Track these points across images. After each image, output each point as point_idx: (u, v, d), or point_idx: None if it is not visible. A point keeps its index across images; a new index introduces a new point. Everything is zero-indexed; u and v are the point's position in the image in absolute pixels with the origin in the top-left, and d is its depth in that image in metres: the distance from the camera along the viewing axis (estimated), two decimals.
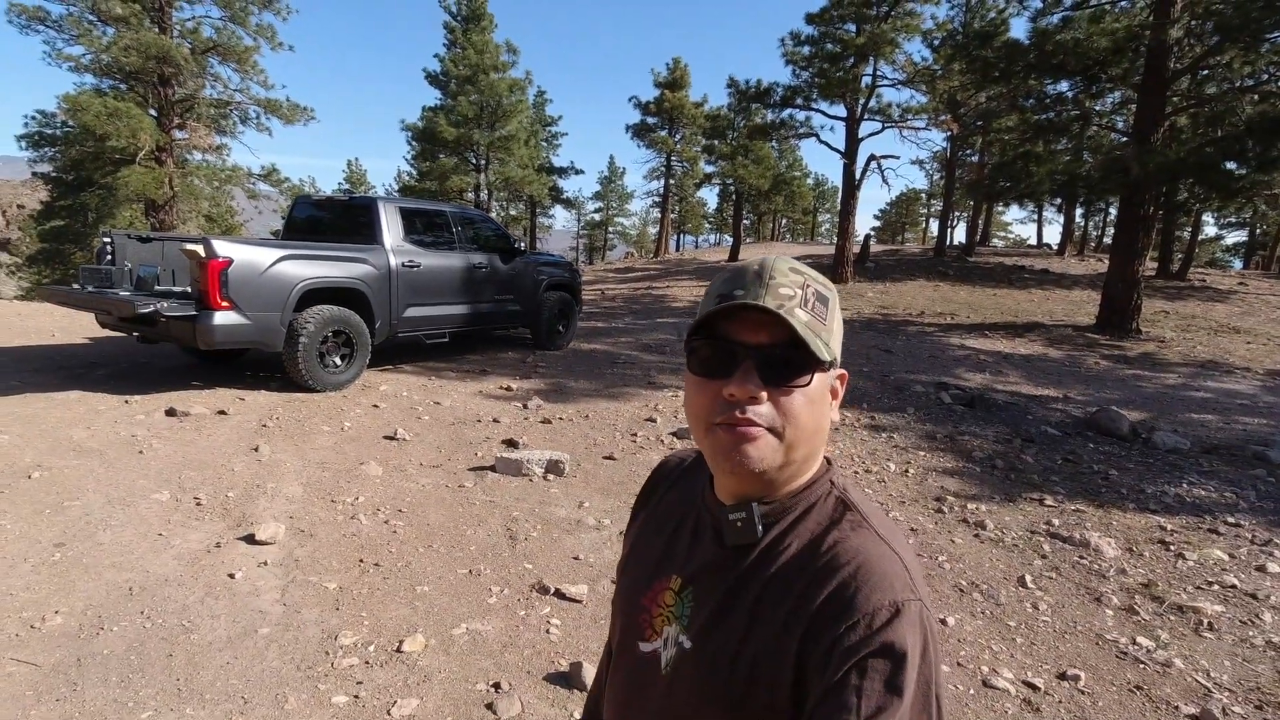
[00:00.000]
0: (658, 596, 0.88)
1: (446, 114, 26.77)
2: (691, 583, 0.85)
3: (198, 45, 21.15)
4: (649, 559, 0.93)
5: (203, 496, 3.98)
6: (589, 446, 5.55)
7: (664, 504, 0.99)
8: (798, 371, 0.75)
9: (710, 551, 0.85)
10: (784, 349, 0.75)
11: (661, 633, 0.86)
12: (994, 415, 7.00)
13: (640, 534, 1.00)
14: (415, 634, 2.79)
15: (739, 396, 0.74)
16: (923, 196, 55.91)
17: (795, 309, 0.75)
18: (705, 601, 0.82)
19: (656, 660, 0.86)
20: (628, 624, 0.92)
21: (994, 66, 12.16)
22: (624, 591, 0.97)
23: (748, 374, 0.74)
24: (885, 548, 0.76)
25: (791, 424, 0.75)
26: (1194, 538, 4.33)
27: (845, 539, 0.77)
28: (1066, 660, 3.02)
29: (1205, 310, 14.83)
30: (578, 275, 9.91)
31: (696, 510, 0.90)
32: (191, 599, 2.94)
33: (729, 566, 0.82)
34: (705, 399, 0.77)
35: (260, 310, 5.89)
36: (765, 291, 0.75)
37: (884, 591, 0.70)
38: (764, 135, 19.57)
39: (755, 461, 0.75)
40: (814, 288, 0.78)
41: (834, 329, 0.80)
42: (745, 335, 0.76)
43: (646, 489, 1.06)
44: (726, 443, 0.75)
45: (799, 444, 0.77)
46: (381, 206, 7.11)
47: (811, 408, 0.77)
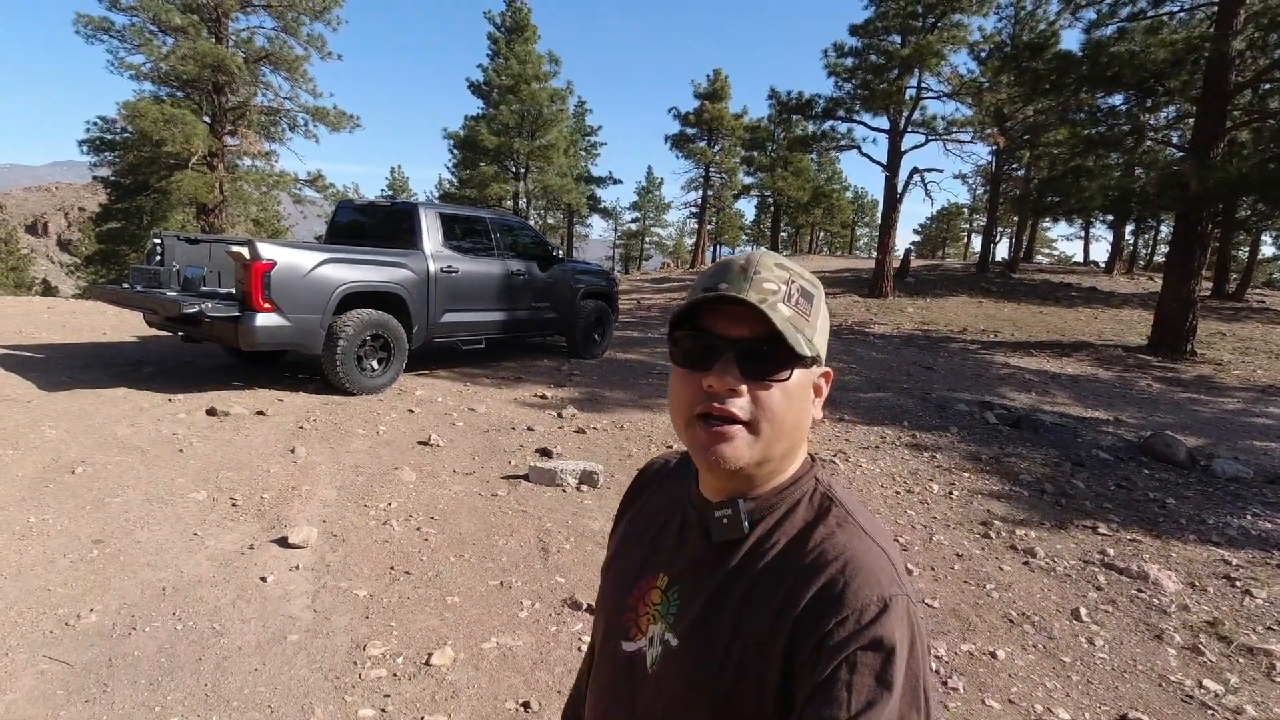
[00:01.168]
0: (644, 595, 0.88)
1: (488, 123, 27.15)
2: (678, 581, 0.85)
3: (251, 54, 21.79)
4: (635, 558, 0.93)
5: (239, 497, 4.00)
6: (623, 458, 5.47)
7: (650, 504, 0.98)
8: (777, 366, 0.75)
9: (697, 549, 0.85)
10: (763, 343, 0.75)
11: (646, 631, 0.86)
12: (1041, 437, 6.74)
13: (626, 534, 0.99)
14: (445, 646, 2.74)
15: (717, 389, 0.74)
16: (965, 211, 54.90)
17: (778, 304, 0.75)
18: (692, 599, 0.82)
19: (641, 659, 0.85)
20: (611, 623, 0.91)
21: (1044, 79, 11.84)
22: (609, 591, 0.96)
23: (727, 366, 0.75)
24: (871, 543, 0.76)
25: (768, 419, 0.76)
26: (1262, 573, 4.08)
27: (831, 535, 0.77)
28: (1127, 702, 2.84)
29: (1265, 333, 14.21)
30: (614, 284, 9.87)
31: (683, 509, 0.90)
32: (223, 601, 2.93)
33: (716, 564, 0.82)
34: (686, 390, 0.78)
35: (301, 313, 5.95)
36: (749, 285, 0.75)
37: (871, 587, 0.71)
38: (805, 147, 19.41)
39: (731, 460, 0.75)
40: (799, 283, 0.78)
41: (818, 326, 0.80)
42: (726, 328, 0.76)
43: (633, 490, 1.05)
44: (704, 439, 0.76)
45: (777, 439, 0.77)
46: (422, 212, 7.15)
47: (790, 403, 0.77)
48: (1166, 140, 12.57)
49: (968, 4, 15.40)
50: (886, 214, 18.44)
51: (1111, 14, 12.27)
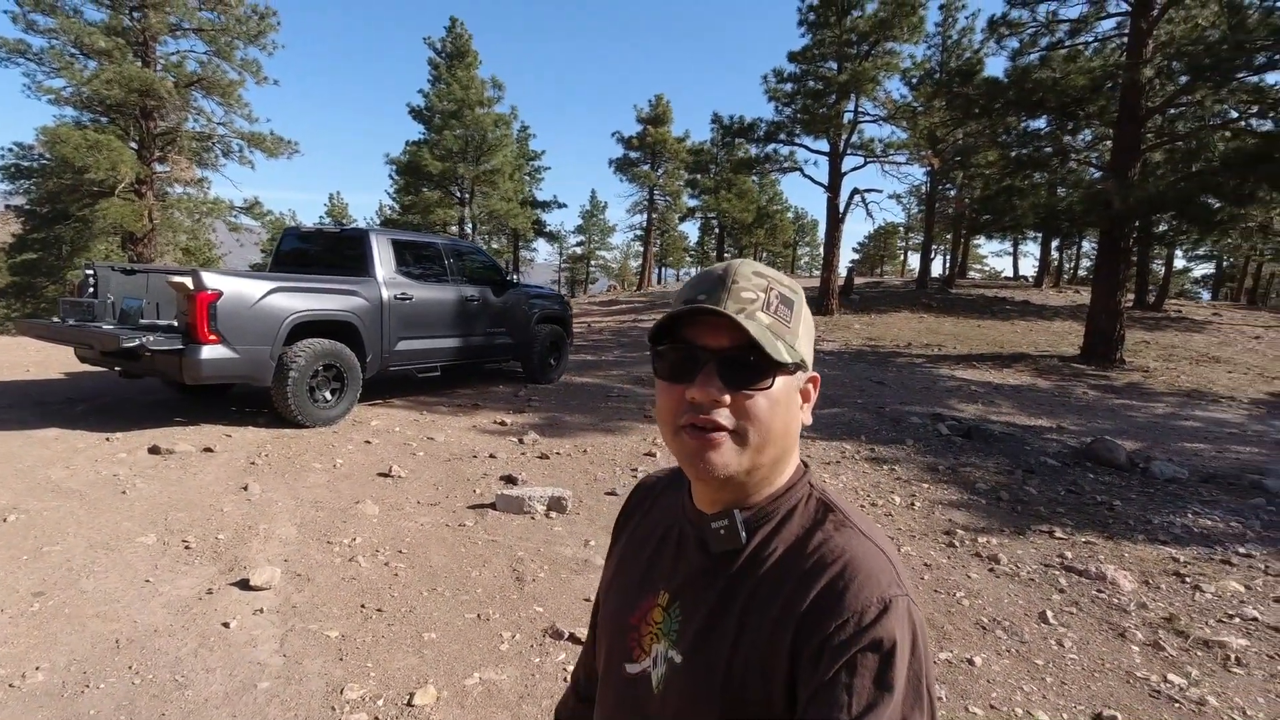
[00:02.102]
0: (646, 615, 0.87)
1: (431, 148, 26.89)
2: (679, 596, 0.84)
3: (181, 79, 21.09)
4: (633, 578, 0.92)
5: (191, 539, 3.79)
6: (590, 482, 5.42)
7: (645, 522, 0.97)
8: (758, 374, 0.76)
9: (695, 562, 0.84)
10: (743, 352, 0.75)
11: (650, 651, 0.85)
12: (992, 446, 6.97)
13: (624, 554, 0.98)
14: (426, 685, 2.64)
15: (700, 400, 0.75)
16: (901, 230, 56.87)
17: (757, 312, 0.76)
18: (693, 613, 0.81)
19: (647, 680, 0.84)
20: (614, 646, 0.90)
21: (975, 103, 12.44)
22: (610, 613, 0.95)
23: (709, 377, 0.75)
24: (870, 544, 0.76)
25: (754, 427, 0.75)
26: (1208, 569, 4.28)
27: (830, 539, 0.77)
28: (1100, 700, 2.93)
29: (1184, 340, 15.09)
30: (569, 308, 9.85)
31: (679, 523, 0.90)
32: (184, 651, 2.76)
33: (715, 575, 0.81)
34: (671, 402, 0.78)
35: (250, 344, 5.73)
36: (727, 295, 0.76)
37: (871, 588, 0.71)
38: (748, 169, 19.83)
39: (719, 467, 0.76)
40: (777, 290, 0.79)
41: (799, 331, 0.80)
42: (706, 339, 0.76)
43: (626, 509, 1.05)
44: (691, 448, 0.76)
45: (765, 447, 0.77)
46: (374, 238, 7.01)
47: (775, 410, 0.77)
48: (1088, 161, 13.33)
49: (899, 32, 16.09)
50: (830, 233, 18.95)
51: (1033, 43, 13.01)
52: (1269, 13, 10.13)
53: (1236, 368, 12.54)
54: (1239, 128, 11.32)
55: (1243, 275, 33.00)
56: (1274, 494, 5.93)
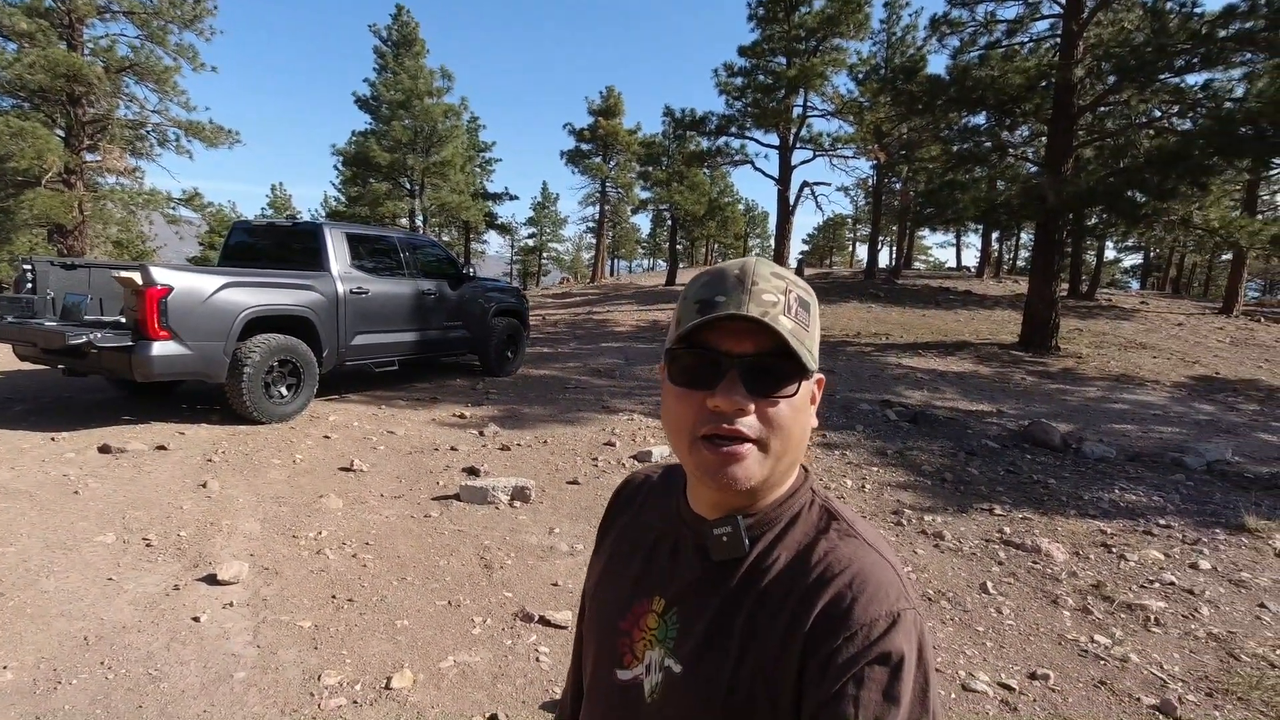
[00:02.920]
0: (639, 620, 0.84)
1: (379, 139, 26.36)
2: (676, 603, 0.81)
3: (111, 64, 20.20)
4: (624, 581, 0.89)
5: (152, 537, 3.76)
6: (551, 472, 5.51)
7: (635, 523, 0.94)
8: (784, 381, 0.73)
9: (694, 569, 0.82)
10: (770, 359, 0.72)
11: (643, 658, 0.82)
12: (937, 430, 7.30)
13: (612, 556, 0.94)
14: (402, 669, 2.71)
15: (725, 409, 0.71)
16: (849, 221, 58.05)
17: (779, 316, 0.72)
18: (693, 622, 0.79)
19: (639, 688, 0.81)
20: (603, 651, 0.87)
21: (918, 100, 12.86)
22: (598, 617, 0.92)
23: (733, 384, 0.72)
24: (876, 555, 0.75)
25: (778, 435, 0.73)
26: (1132, 539, 4.61)
27: (835, 548, 0.76)
28: (1034, 661, 3.17)
29: (1114, 328, 15.90)
30: (525, 301, 9.87)
31: (674, 527, 0.87)
32: (155, 645, 2.77)
33: (716, 583, 0.79)
34: (688, 411, 0.74)
35: (202, 340, 5.64)
36: (749, 298, 0.72)
37: (880, 601, 0.70)
38: (700, 162, 20.05)
39: (744, 480, 0.73)
40: (795, 293, 0.76)
41: (815, 334, 0.78)
42: (729, 344, 0.73)
43: (612, 509, 1.01)
44: (713, 462, 0.73)
45: (785, 455, 0.75)
46: (328, 232, 6.93)
47: (797, 416, 0.75)
48: (1024, 156, 13.91)
49: (846, 29, 16.48)
50: (780, 226, 19.31)
51: (973, 42, 13.49)
52: (1187, 18, 10.74)
53: (1161, 353, 13.30)
54: (1161, 126, 11.99)
55: (1168, 265, 34.85)
56: (1193, 470, 6.38)
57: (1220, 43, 10.37)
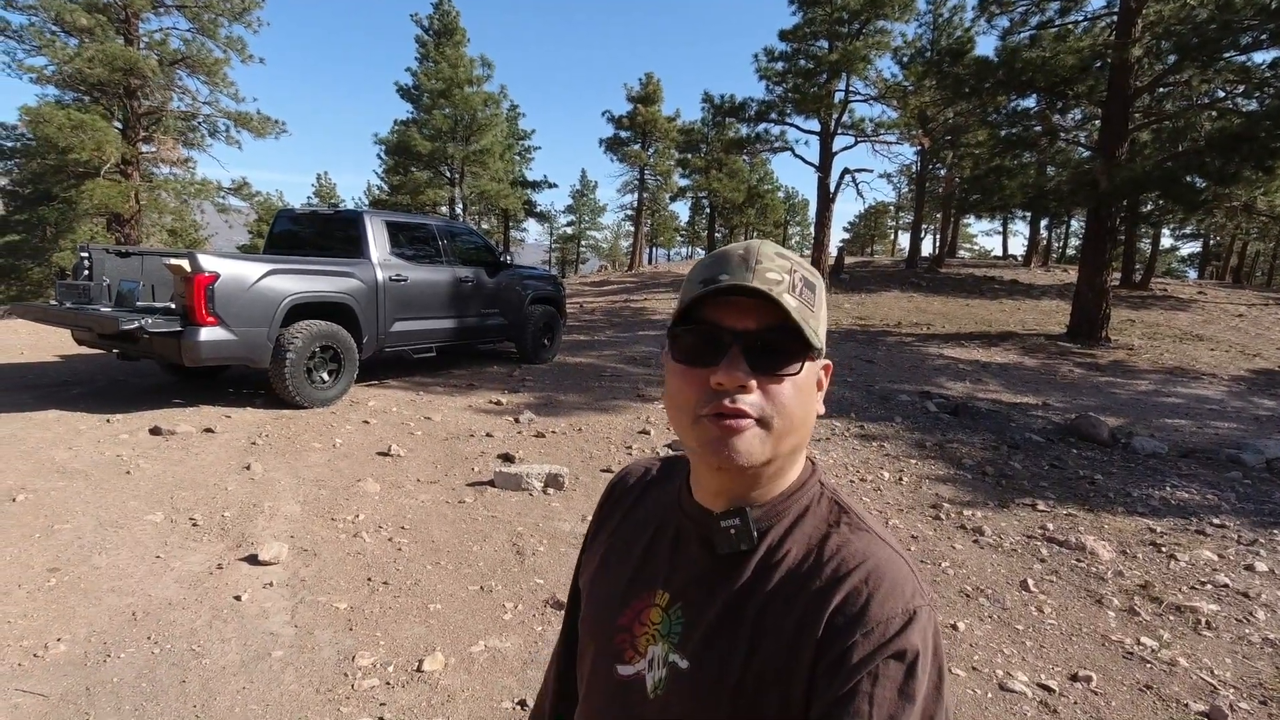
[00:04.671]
0: (640, 614, 0.82)
1: (420, 127, 26.67)
2: (680, 597, 0.80)
3: (165, 57, 20.80)
4: (622, 575, 0.87)
5: (198, 517, 3.88)
6: (585, 460, 5.53)
7: (633, 516, 0.92)
8: (788, 358, 0.72)
9: (698, 563, 0.80)
10: (774, 334, 0.71)
11: (645, 653, 0.80)
12: (979, 423, 7.12)
13: (609, 549, 0.92)
14: (434, 653, 2.75)
15: (727, 385, 0.70)
16: (891, 209, 56.90)
17: (784, 294, 0.71)
18: (699, 617, 0.77)
19: (640, 683, 0.80)
20: (602, 647, 0.85)
21: (964, 83, 12.48)
22: (595, 612, 0.89)
23: (735, 361, 0.70)
24: (890, 550, 0.74)
25: (780, 414, 0.72)
26: (1183, 539, 4.44)
27: (848, 543, 0.74)
28: (1076, 662, 3.08)
29: (1169, 319, 15.30)
30: (562, 288, 9.90)
31: (675, 519, 0.85)
32: (199, 623, 2.86)
33: (723, 577, 0.77)
34: (690, 388, 0.73)
35: (247, 325, 5.78)
36: (752, 276, 0.71)
37: (897, 599, 0.69)
38: (739, 149, 19.83)
39: (744, 455, 0.71)
40: (800, 273, 0.75)
41: (821, 316, 0.76)
42: (732, 320, 0.72)
43: (608, 500, 0.98)
44: (714, 436, 0.71)
45: (787, 435, 0.73)
46: (368, 220, 7.04)
47: (800, 397, 0.73)
48: (1076, 141, 13.41)
49: (890, 11, 16.06)
50: (820, 213, 19.01)
51: (1023, 21, 13.02)
52: None
53: (1219, 345, 12.76)
54: (1225, 107, 11.43)
55: (1228, 254, 33.35)
56: (1250, 467, 6.12)
57: None
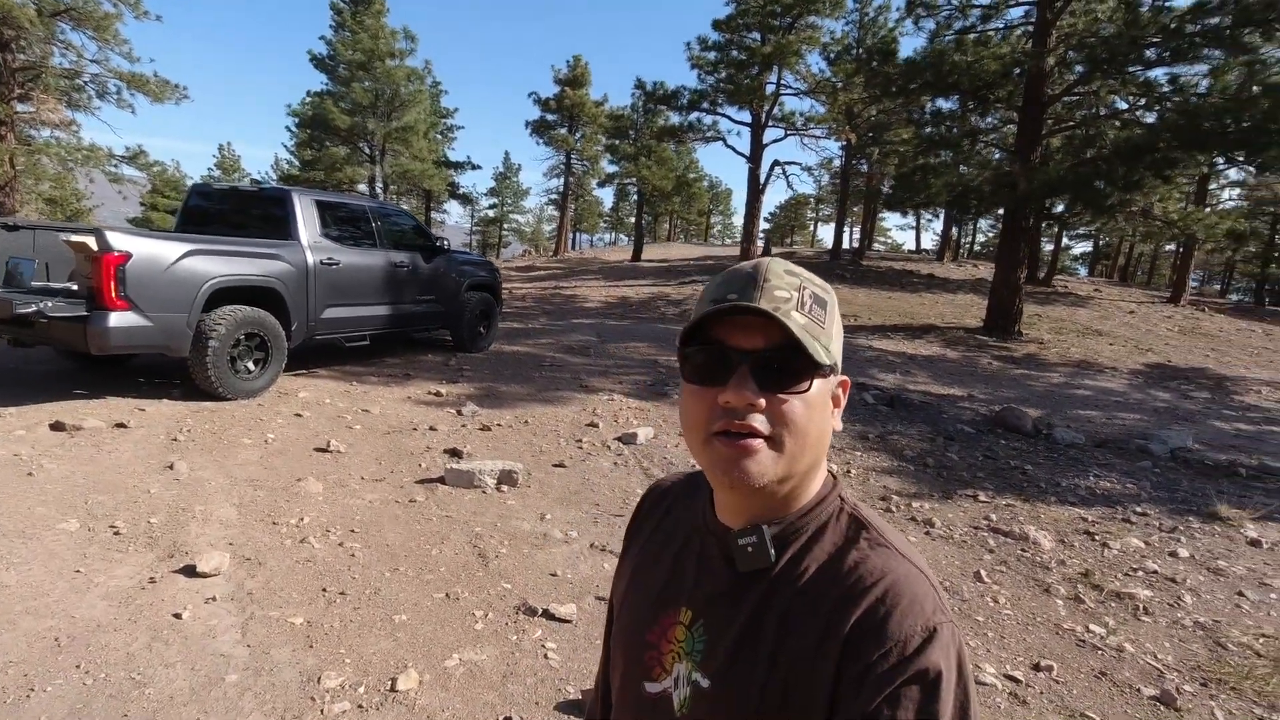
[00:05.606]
0: (667, 632, 0.82)
1: (337, 100, 25.33)
2: (703, 615, 0.80)
3: (45, 7, 18.86)
4: (650, 591, 0.87)
5: (120, 524, 3.52)
6: (535, 454, 5.37)
7: (660, 531, 0.93)
8: (796, 376, 0.72)
9: (720, 580, 0.80)
10: (780, 353, 0.72)
11: (672, 670, 0.81)
12: (914, 415, 7.37)
13: (639, 565, 0.93)
14: (407, 669, 2.58)
15: (735, 404, 0.71)
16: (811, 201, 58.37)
17: (792, 311, 0.72)
18: (721, 635, 0.77)
19: (668, 701, 0.80)
20: (631, 663, 0.86)
21: (894, 82, 12.85)
22: (626, 629, 0.90)
23: (743, 380, 0.71)
24: (910, 566, 0.73)
25: (791, 432, 0.72)
26: (1113, 527, 4.71)
27: (867, 559, 0.73)
28: (1035, 651, 3.19)
29: (1070, 314, 16.34)
30: (498, 275, 9.62)
31: (700, 536, 0.85)
32: (135, 646, 2.58)
33: (743, 595, 0.77)
34: (701, 408, 0.73)
35: (163, 311, 5.31)
36: (760, 294, 0.72)
37: (916, 615, 0.68)
38: (672, 137, 19.82)
39: (755, 476, 0.71)
40: (810, 289, 0.75)
41: (833, 333, 0.77)
42: (739, 340, 0.73)
43: (639, 516, 0.99)
44: (725, 456, 0.72)
45: (801, 454, 0.73)
46: (297, 199, 6.59)
47: (812, 414, 0.73)
48: (993, 143, 14.06)
49: (822, 7, 16.33)
50: (751, 204, 19.26)
51: (948, 26, 13.49)
52: (1159, 11, 10.91)
53: (1116, 340, 13.73)
54: (1128, 118, 12.22)
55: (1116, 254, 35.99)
56: (1158, 457, 6.57)
57: (1189, 38, 10.57)
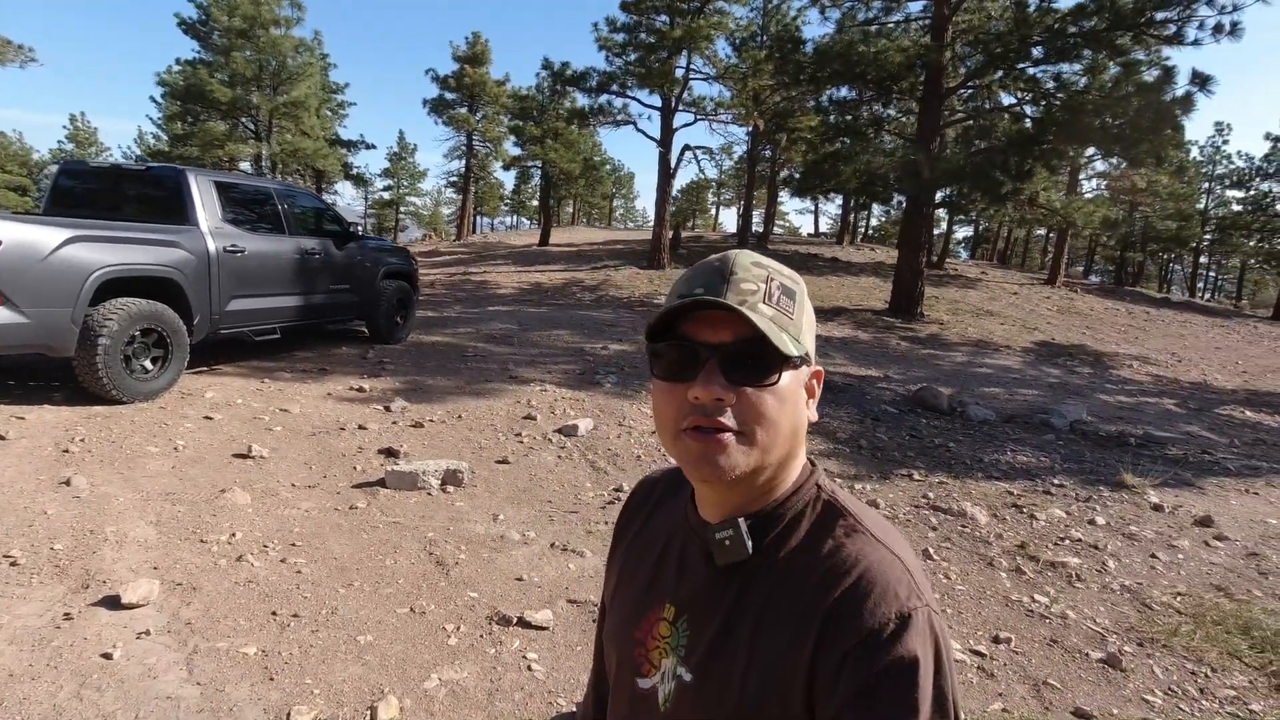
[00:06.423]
0: (652, 629, 0.83)
1: (213, 70, 23.36)
2: (685, 610, 0.80)
3: None
4: (636, 588, 0.88)
5: (17, 553, 3.08)
6: (475, 451, 5.16)
7: (647, 527, 0.93)
8: (764, 370, 0.72)
9: (701, 575, 0.80)
10: (748, 346, 0.71)
11: (659, 666, 0.81)
12: (840, 397, 7.60)
13: (625, 562, 0.94)
14: (385, 696, 2.38)
15: (704, 399, 0.70)
16: (713, 185, 59.27)
17: (759, 304, 0.72)
18: (703, 629, 0.77)
19: (654, 697, 0.81)
20: (623, 660, 0.86)
21: (804, 69, 13.14)
22: (615, 625, 0.91)
23: (711, 375, 0.71)
24: (884, 551, 0.73)
25: (762, 425, 0.71)
26: (1036, 499, 5.02)
27: (841, 546, 0.73)
28: (992, 624, 3.35)
29: (963, 296, 17.38)
30: (415, 262, 9.18)
31: (682, 532, 0.85)
32: (62, 695, 2.26)
33: (722, 589, 0.77)
34: (671, 404, 0.73)
35: (42, 305, 4.70)
36: (727, 288, 0.72)
37: (890, 602, 0.68)
38: (582, 120, 19.51)
39: (726, 470, 0.71)
40: (778, 280, 0.75)
41: (803, 323, 0.76)
42: (706, 334, 0.72)
43: (626, 512, 0.99)
44: (695, 451, 0.71)
45: (773, 447, 0.73)
46: (193, 179, 5.99)
47: (783, 407, 0.73)
48: (899, 132, 14.68)
49: None
50: (661, 188, 19.29)
51: (852, 17, 13.91)
52: (1045, 12, 11.65)
53: (1006, 320, 14.72)
54: (1017, 112, 13.05)
55: (995, 239, 38.63)
56: (1060, 430, 7.08)
57: (1070, 38, 11.35)
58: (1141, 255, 34.15)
